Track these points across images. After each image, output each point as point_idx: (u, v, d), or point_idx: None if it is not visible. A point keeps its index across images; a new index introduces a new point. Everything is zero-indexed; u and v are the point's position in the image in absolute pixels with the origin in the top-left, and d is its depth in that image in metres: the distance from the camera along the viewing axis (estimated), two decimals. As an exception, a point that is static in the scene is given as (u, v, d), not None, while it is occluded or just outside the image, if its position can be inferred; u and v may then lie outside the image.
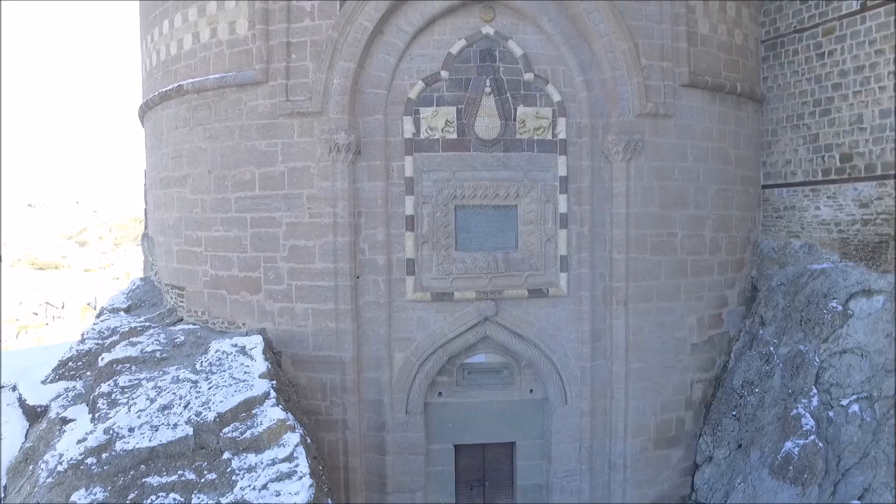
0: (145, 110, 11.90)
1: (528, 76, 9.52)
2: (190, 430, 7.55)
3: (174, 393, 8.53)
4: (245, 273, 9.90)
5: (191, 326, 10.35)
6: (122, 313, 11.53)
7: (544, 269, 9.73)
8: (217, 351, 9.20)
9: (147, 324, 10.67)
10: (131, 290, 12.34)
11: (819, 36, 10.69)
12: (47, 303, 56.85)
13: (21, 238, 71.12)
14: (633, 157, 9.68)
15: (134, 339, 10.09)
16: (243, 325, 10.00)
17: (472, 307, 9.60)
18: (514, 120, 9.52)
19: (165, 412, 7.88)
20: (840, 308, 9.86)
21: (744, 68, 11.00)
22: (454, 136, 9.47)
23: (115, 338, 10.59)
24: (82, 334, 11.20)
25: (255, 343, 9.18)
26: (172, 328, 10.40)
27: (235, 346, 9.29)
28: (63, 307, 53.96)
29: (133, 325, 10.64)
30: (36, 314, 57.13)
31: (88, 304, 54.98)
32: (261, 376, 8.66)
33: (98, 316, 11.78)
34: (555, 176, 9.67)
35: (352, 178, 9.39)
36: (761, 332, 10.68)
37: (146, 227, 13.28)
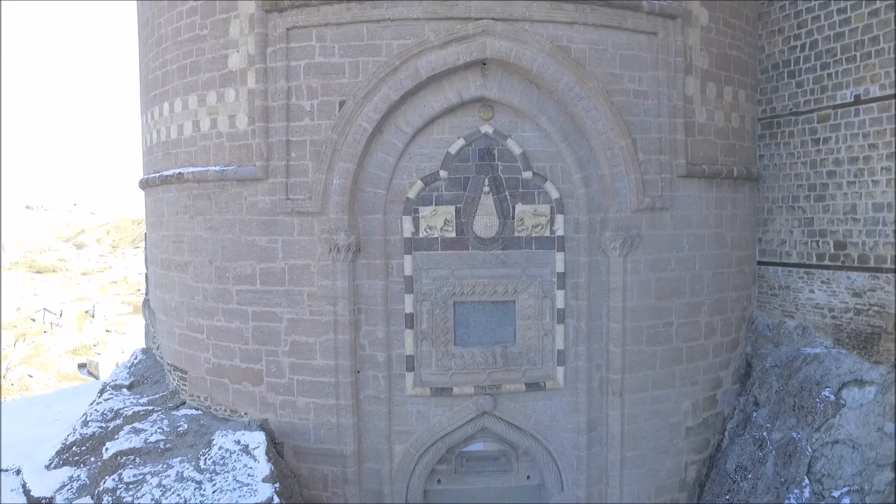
0: (146, 185, 11.97)
1: (527, 174, 9.62)
2: (195, 545, 7.72)
3: (179, 494, 8.72)
4: (247, 364, 10.03)
5: (193, 412, 10.49)
6: (124, 390, 11.67)
7: (541, 362, 9.88)
8: (220, 448, 9.36)
9: (150, 407, 10.81)
10: (133, 363, 12.46)
11: (814, 121, 10.79)
12: (45, 309, 57.05)
13: (19, 240, 71.06)
14: (630, 251, 9.80)
15: (137, 426, 10.25)
16: (245, 414, 10.15)
17: (470, 401, 9.76)
18: (513, 218, 9.63)
19: (171, 518, 8.05)
20: (832, 398, 10.04)
21: (740, 150, 11.10)
22: (453, 234, 9.58)
23: (118, 421, 10.74)
24: (85, 414, 11.34)
25: (259, 442, 9.33)
26: (175, 413, 10.55)
27: (238, 443, 9.44)
28: (61, 315, 54.15)
29: (136, 408, 10.77)
30: (33, 320, 57.35)
31: (86, 311, 55.23)
32: (264, 480, 8.84)
33: (101, 392, 11.90)
34: (552, 272, 9.79)
35: (352, 276, 9.51)
36: (755, 414, 10.86)
37: (147, 294, 13.39)
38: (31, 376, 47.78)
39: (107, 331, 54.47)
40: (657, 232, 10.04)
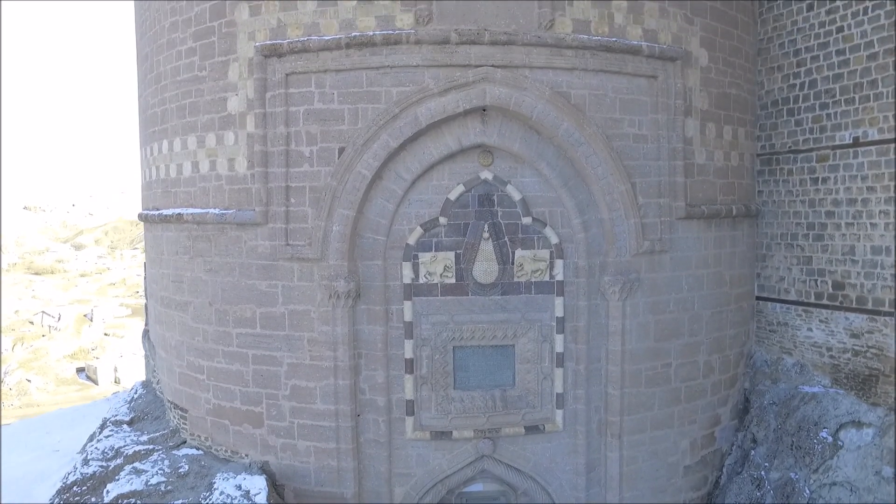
0: (145, 220, 11.96)
1: (527, 220, 9.63)
2: None
3: (179, 541, 8.76)
4: (248, 407, 10.05)
5: (194, 452, 10.52)
6: (125, 426, 11.69)
7: (541, 405, 9.92)
8: (222, 493, 9.39)
9: (151, 446, 10.83)
10: (133, 398, 12.48)
11: (813, 161, 10.81)
12: (44, 312, 56.99)
13: (17, 241, 70.90)
14: (630, 295, 9.83)
15: (138, 466, 10.28)
16: (246, 455, 10.18)
17: (470, 445, 9.80)
18: (512, 263, 9.64)
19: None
20: (830, 439, 10.09)
21: (739, 188, 11.12)
22: (452, 280, 9.60)
23: (119, 460, 10.76)
24: (85, 451, 11.36)
25: (260, 488, 9.37)
26: (176, 453, 10.57)
27: (240, 488, 9.48)
28: (59, 319, 54.11)
29: (137, 447, 10.80)
30: (32, 323, 57.30)
31: (85, 315, 55.19)
32: (265, 528, 8.90)
33: (101, 427, 11.92)
34: (552, 316, 9.82)
35: (352, 321, 9.52)
36: (753, 452, 10.91)
37: (147, 324, 13.40)
38: (29, 381, 47.81)
39: (105, 334, 54.48)
40: (656, 274, 10.06)
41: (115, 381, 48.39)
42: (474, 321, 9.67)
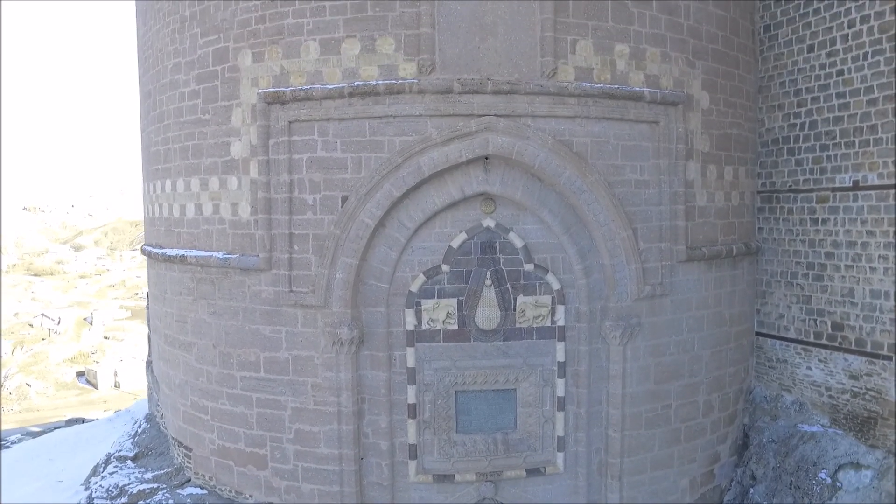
0: (148, 256, 12.00)
1: (529, 266, 9.69)
2: None
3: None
4: (252, 448, 10.14)
5: (199, 492, 10.62)
6: (129, 462, 11.77)
7: (542, 448, 10.00)
8: (226, 537, 9.52)
9: (155, 485, 10.93)
10: (137, 432, 12.56)
11: (813, 201, 10.86)
12: (43, 314, 57.06)
13: (16, 242, 70.86)
14: (630, 339, 9.90)
15: (143, 505, 10.41)
16: (251, 496, 10.27)
17: (472, 487, 9.89)
18: (514, 310, 9.71)
19: None
20: (829, 480, 10.19)
21: (740, 227, 11.19)
22: (455, 327, 9.67)
23: (123, 499, 10.86)
24: (90, 488, 11.45)
25: (263, 532, 9.48)
26: (181, 492, 10.68)
27: (243, 532, 9.59)
28: (59, 322, 54.18)
29: (141, 486, 10.89)
30: (31, 326, 57.37)
31: (85, 319, 55.28)
32: (269, 575, 8.99)
33: (105, 463, 12.00)
34: (553, 361, 9.90)
35: (355, 367, 9.59)
36: (752, 490, 11.02)
37: (149, 355, 13.47)
38: (29, 385, 47.95)
39: (105, 337, 54.57)
40: (657, 318, 10.13)
41: (116, 386, 48.57)
42: (476, 366, 9.75)
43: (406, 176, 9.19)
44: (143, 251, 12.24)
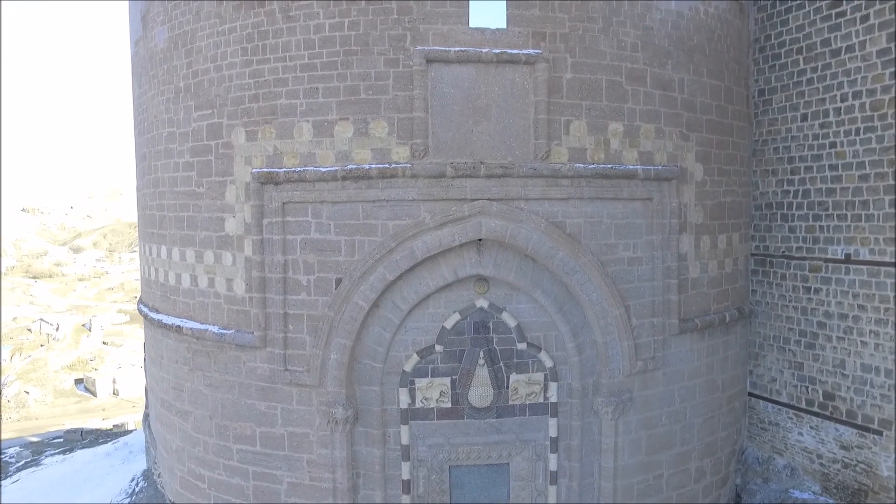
0: (145, 317, 12.04)
1: (522, 345, 9.75)
2: None
3: None
4: (248, 520, 10.24)
5: (195, 559, 10.72)
6: (127, 523, 11.87)
7: (536, 521, 10.12)
8: None
9: (153, 550, 11.03)
10: (135, 490, 12.66)
11: (806, 269, 10.92)
12: (42, 319, 57.15)
13: (15, 244, 70.84)
14: (622, 414, 9.98)
15: (141, 573, 10.51)
16: (246, 566, 10.38)
17: (466, 561, 10.01)
18: (507, 388, 9.78)
19: None
20: (818, 550, 10.32)
21: (733, 293, 11.23)
22: (448, 405, 9.74)
23: (121, 565, 10.98)
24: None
25: None
26: (177, 558, 10.78)
27: None
28: (58, 328, 54.27)
29: (139, 552, 11.00)
30: (30, 331, 57.48)
31: (84, 325, 55.38)
32: None
33: (104, 523, 12.10)
34: (546, 436, 9.98)
35: (350, 443, 9.67)
36: (743, 554, 11.15)
37: (147, 407, 13.55)
38: (27, 392, 48.12)
39: (104, 343, 54.67)
40: (649, 391, 10.21)
41: (114, 393, 48.77)
42: (470, 442, 9.84)
43: (400, 260, 9.23)
44: (140, 311, 12.29)
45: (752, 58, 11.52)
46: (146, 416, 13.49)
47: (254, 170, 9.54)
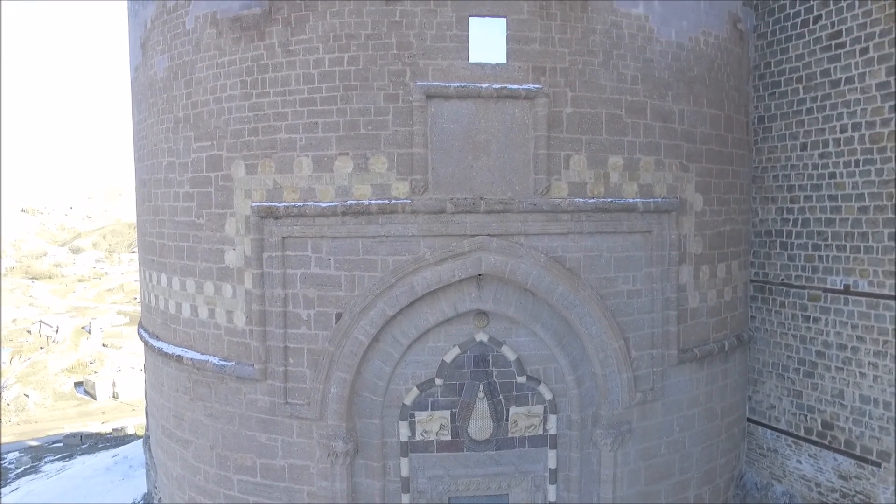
0: (146, 343, 12.05)
1: (521, 378, 9.78)
2: None
3: None
4: (248, 550, 10.28)
5: (196, 587, 10.76)
6: (128, 548, 11.91)
7: (535, 552, 10.16)
8: None
9: (153, 578, 11.08)
10: (136, 514, 12.71)
11: (805, 298, 10.94)
12: (41, 321, 57.16)
13: (14, 244, 70.80)
14: (621, 445, 10.02)
15: None
16: None
17: (466, 591, 10.06)
18: (507, 420, 9.81)
19: None
20: (816, 580, 10.37)
21: (732, 320, 11.26)
22: (448, 437, 9.77)
23: (123, 592, 11.02)
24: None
25: None
26: (178, 586, 10.82)
27: None
28: (57, 331, 54.28)
29: (140, 579, 11.04)
30: (29, 332, 57.49)
31: (83, 328, 55.41)
32: None
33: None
34: (545, 467, 10.02)
35: (350, 475, 9.70)
36: (742, 581, 11.21)
37: (147, 430, 13.58)
38: (27, 395, 48.16)
39: (103, 345, 54.69)
40: (648, 422, 10.24)
41: (114, 396, 48.82)
42: (469, 474, 9.87)
43: (399, 295, 9.24)
44: (141, 337, 12.30)
45: (752, 84, 11.51)
46: (146, 439, 13.52)
47: (254, 203, 9.54)
